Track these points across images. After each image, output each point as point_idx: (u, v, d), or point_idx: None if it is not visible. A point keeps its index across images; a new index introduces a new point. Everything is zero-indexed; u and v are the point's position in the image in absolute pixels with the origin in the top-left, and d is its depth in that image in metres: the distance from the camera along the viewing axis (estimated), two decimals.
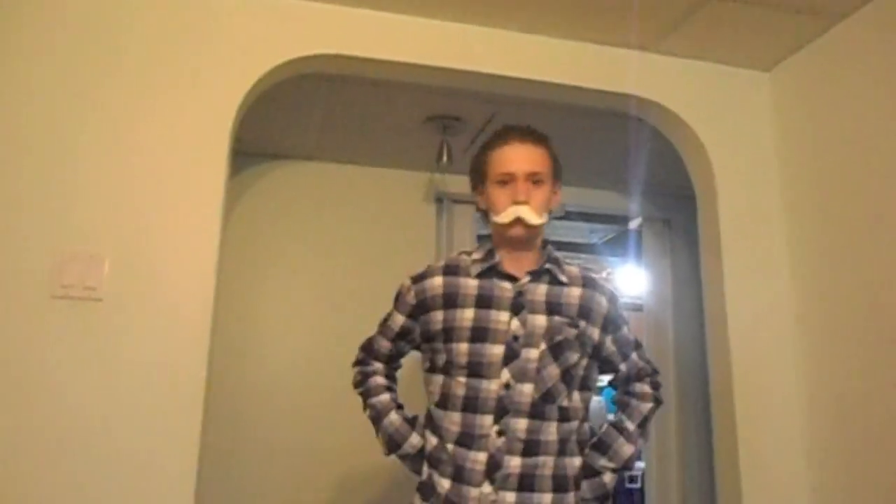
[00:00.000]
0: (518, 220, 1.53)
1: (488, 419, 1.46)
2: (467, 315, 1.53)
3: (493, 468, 1.45)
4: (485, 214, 1.65)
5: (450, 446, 1.49)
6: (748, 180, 2.40)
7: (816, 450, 2.16)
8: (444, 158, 3.01)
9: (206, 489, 1.91)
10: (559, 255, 1.65)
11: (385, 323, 1.69)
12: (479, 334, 1.51)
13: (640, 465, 4.95)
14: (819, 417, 2.16)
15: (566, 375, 1.52)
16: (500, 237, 1.60)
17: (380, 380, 1.67)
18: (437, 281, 1.59)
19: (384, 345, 1.68)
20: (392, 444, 1.59)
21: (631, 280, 5.25)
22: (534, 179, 1.55)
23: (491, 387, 1.48)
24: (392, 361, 1.71)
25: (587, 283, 1.62)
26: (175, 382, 1.79)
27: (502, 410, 1.47)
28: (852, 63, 2.13)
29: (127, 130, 1.90)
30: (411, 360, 1.74)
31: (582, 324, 1.56)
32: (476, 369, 1.49)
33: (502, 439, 1.46)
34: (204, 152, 1.95)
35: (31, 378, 1.70)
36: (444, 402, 1.52)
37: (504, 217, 1.54)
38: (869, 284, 2.01)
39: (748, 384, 2.22)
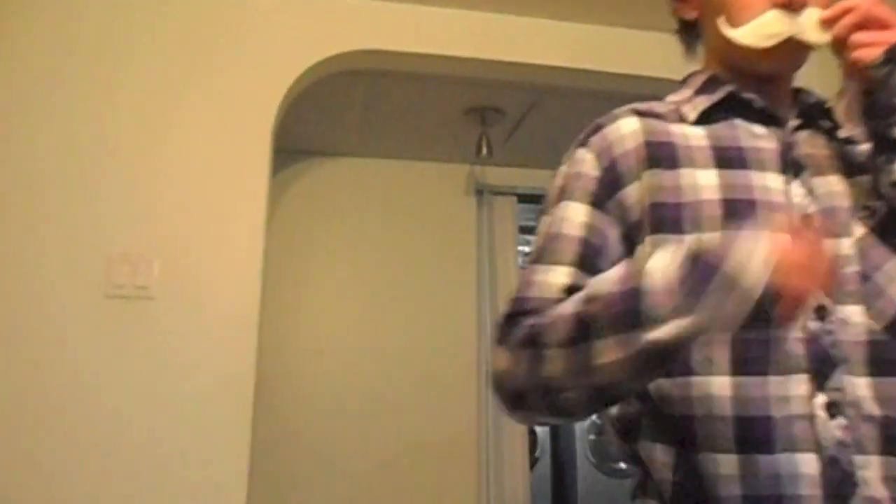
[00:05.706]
0: (791, 41, 0.81)
1: (799, 383, 0.71)
2: (702, 180, 0.80)
3: (837, 486, 0.69)
4: (686, 27, 0.96)
5: (719, 457, 0.72)
6: None
7: None
8: (484, 150, 2.99)
9: (256, 486, 1.94)
10: None
11: (548, 239, 0.83)
12: (737, 212, 0.76)
13: None
14: None
15: None
16: (734, 66, 0.89)
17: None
18: (631, 125, 0.87)
19: (557, 282, 0.79)
20: (632, 317, 0.66)
21: None
22: None
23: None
24: None
25: None
26: (226, 378, 1.81)
27: (822, 362, 0.72)
28: None
29: (169, 132, 1.93)
30: None
31: None
32: None
33: (839, 421, 0.70)
34: (247, 151, 1.98)
35: (87, 374, 1.74)
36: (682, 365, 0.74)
37: (761, 34, 0.82)
38: None
39: None
